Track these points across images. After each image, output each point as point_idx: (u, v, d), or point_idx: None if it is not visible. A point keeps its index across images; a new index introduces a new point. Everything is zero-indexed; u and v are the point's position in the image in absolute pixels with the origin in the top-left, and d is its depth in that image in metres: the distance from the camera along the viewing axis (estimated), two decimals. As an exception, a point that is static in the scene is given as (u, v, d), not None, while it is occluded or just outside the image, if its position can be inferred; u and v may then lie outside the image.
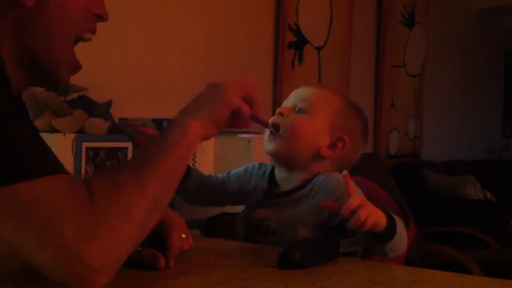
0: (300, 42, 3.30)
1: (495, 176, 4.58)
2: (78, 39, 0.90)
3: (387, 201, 1.43)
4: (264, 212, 1.19)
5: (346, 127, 1.20)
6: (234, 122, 0.93)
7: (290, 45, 3.22)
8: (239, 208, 1.29)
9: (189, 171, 1.26)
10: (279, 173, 1.23)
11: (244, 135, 2.35)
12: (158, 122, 2.22)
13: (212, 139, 2.23)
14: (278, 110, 1.21)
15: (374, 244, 1.04)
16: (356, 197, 0.98)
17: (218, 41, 2.84)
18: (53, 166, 0.73)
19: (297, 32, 3.27)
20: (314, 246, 0.98)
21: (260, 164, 1.29)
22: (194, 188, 1.27)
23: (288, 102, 1.22)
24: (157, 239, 0.91)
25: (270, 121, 1.19)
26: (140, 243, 0.77)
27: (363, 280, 0.89)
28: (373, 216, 0.98)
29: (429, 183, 3.85)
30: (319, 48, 3.46)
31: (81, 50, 0.94)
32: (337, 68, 3.62)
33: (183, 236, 0.94)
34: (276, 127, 1.18)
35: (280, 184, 1.22)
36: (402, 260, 1.35)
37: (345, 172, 1.02)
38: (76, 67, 0.92)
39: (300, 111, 1.19)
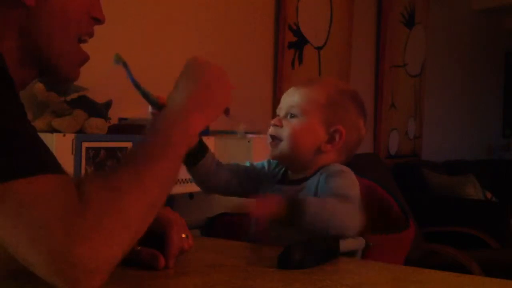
0: (300, 42, 3.30)
1: (495, 176, 4.58)
2: (78, 41, 0.91)
3: (387, 201, 1.43)
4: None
5: (340, 117, 1.25)
6: None
7: (290, 45, 3.22)
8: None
9: (206, 150, 1.26)
10: (290, 173, 1.30)
11: (240, 130, 2.34)
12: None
13: (212, 138, 2.23)
14: (272, 122, 1.27)
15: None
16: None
17: (218, 41, 2.84)
18: (52, 165, 0.72)
19: (297, 32, 3.27)
20: (314, 246, 0.98)
21: (277, 162, 1.34)
22: (211, 170, 1.28)
23: (280, 110, 1.28)
24: (157, 239, 0.91)
25: (268, 134, 1.27)
26: (135, 243, 0.77)
27: (363, 280, 0.89)
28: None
29: (429, 183, 3.85)
30: (319, 48, 3.46)
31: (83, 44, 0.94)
32: (337, 68, 3.62)
33: (183, 236, 0.94)
34: (275, 139, 1.26)
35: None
36: (402, 260, 1.35)
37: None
38: (84, 60, 0.92)
39: (292, 116, 1.25)
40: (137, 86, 0.96)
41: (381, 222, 1.42)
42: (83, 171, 1.85)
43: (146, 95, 0.97)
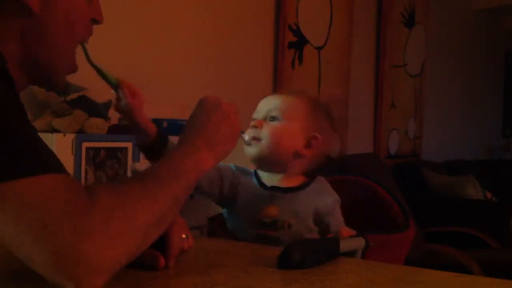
0: (300, 42, 3.30)
1: (495, 176, 4.58)
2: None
3: (387, 201, 1.43)
4: (276, 209, 1.26)
5: (317, 127, 1.31)
6: None
7: (290, 45, 3.22)
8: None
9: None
10: (262, 174, 1.32)
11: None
12: (158, 122, 2.21)
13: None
14: (252, 123, 1.30)
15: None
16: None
17: (218, 41, 2.84)
18: (54, 165, 0.73)
19: (297, 32, 3.27)
20: (314, 246, 0.98)
21: (237, 167, 1.35)
22: None
23: (259, 114, 1.32)
24: (157, 239, 0.91)
25: (248, 136, 1.28)
26: (139, 253, 0.77)
27: (363, 280, 0.89)
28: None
29: (429, 183, 3.85)
30: (319, 48, 3.46)
31: (80, 50, 0.94)
32: (337, 68, 3.62)
33: (183, 236, 0.94)
34: (254, 139, 1.29)
35: (267, 184, 1.31)
36: (402, 260, 1.35)
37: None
38: (73, 70, 0.93)
39: (272, 119, 1.29)
40: (94, 67, 0.99)
41: (381, 222, 1.42)
42: (83, 171, 1.85)
43: (103, 75, 1.01)
